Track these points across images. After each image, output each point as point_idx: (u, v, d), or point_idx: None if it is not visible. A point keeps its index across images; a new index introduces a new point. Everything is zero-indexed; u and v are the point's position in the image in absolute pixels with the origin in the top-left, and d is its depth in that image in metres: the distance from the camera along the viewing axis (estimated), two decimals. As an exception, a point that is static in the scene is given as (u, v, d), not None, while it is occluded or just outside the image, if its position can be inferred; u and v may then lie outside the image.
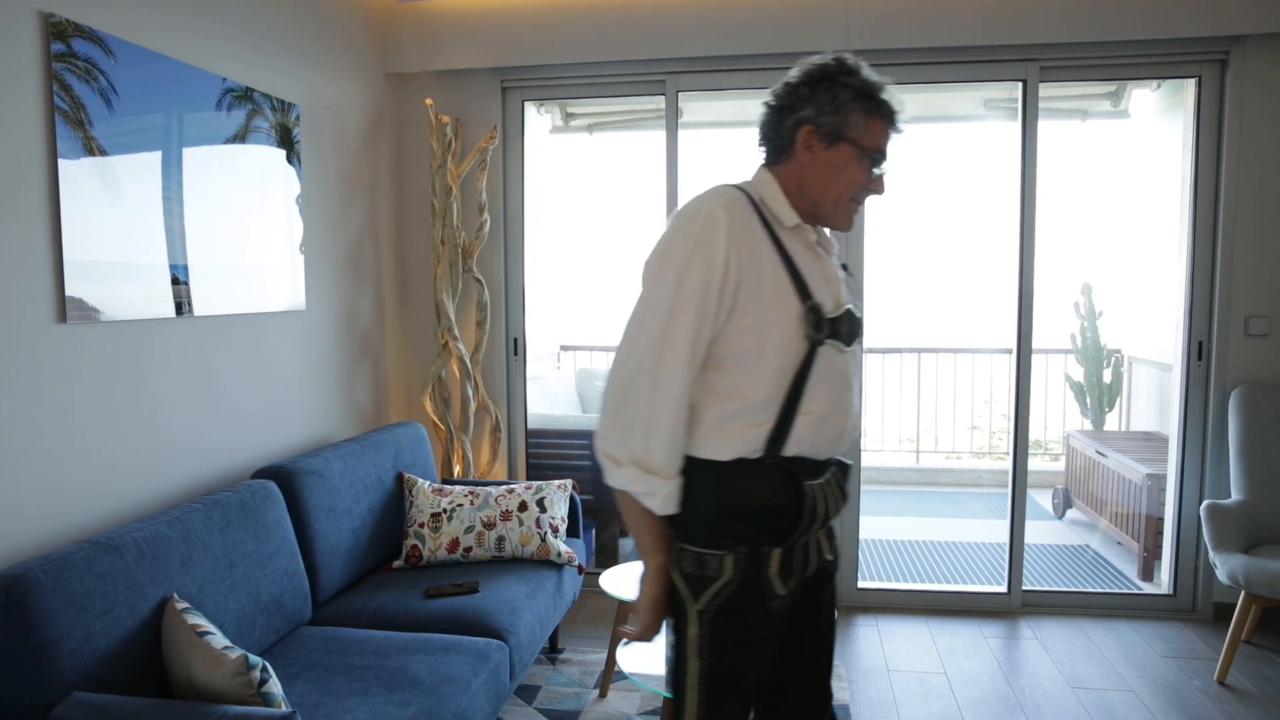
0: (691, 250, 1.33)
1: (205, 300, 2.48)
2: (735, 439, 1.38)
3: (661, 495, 1.37)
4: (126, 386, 2.20)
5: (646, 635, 1.47)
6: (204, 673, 1.69)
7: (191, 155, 2.42)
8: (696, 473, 1.39)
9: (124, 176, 2.16)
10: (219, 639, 1.77)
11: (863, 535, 3.71)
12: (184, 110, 2.38)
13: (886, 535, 4.85)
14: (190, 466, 2.44)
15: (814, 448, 1.41)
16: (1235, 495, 3.14)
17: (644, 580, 1.46)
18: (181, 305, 2.39)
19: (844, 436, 1.45)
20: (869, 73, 1.41)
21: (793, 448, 1.39)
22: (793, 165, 1.43)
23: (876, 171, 1.45)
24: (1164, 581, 3.62)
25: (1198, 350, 3.42)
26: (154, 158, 2.28)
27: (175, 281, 2.36)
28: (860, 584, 3.70)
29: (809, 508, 1.40)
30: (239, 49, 2.65)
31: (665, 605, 1.46)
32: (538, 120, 4.76)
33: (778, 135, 1.44)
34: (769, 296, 1.36)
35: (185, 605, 1.88)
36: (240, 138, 2.64)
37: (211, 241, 2.51)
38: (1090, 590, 3.83)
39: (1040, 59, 3.38)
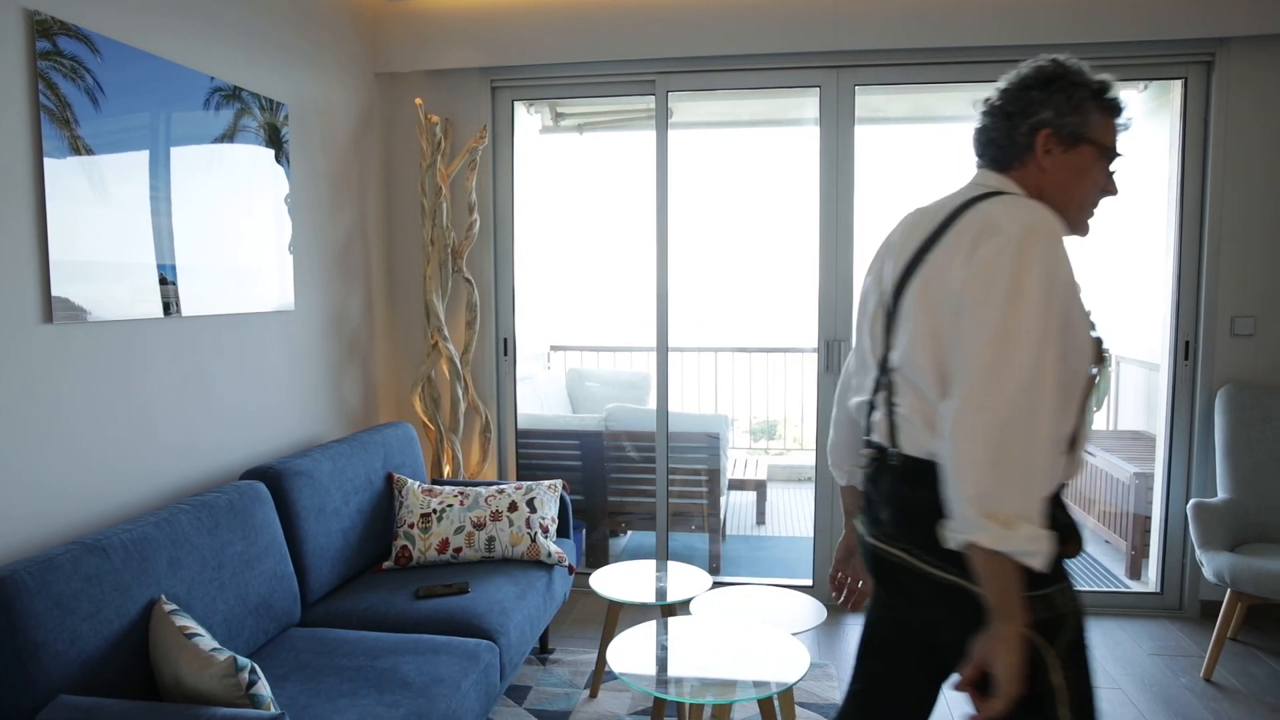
0: (1052, 271, 1.20)
1: (193, 300, 2.47)
2: (1054, 473, 1.26)
3: (1048, 549, 1.18)
4: (114, 387, 2.19)
5: (1010, 709, 1.22)
6: (192, 675, 1.69)
7: (179, 155, 2.40)
8: None
9: (111, 176, 2.15)
10: (207, 640, 1.76)
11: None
12: (171, 109, 2.37)
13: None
14: (178, 467, 2.42)
15: (1069, 476, 1.36)
16: (1221, 494, 3.17)
17: (1000, 650, 1.19)
18: (169, 305, 2.37)
19: None
20: (1091, 70, 1.37)
21: (1064, 476, 1.33)
22: (1027, 172, 1.36)
23: (1111, 171, 1.38)
24: (1151, 579, 3.64)
25: (1184, 350, 3.45)
26: (141, 157, 2.26)
27: (163, 281, 2.35)
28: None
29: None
30: (227, 48, 2.64)
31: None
32: (527, 120, 4.75)
33: (1010, 141, 1.37)
34: (1077, 323, 1.27)
35: (173, 607, 1.87)
36: (228, 137, 2.63)
37: (200, 241, 2.50)
38: (1078, 589, 3.85)
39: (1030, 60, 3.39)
